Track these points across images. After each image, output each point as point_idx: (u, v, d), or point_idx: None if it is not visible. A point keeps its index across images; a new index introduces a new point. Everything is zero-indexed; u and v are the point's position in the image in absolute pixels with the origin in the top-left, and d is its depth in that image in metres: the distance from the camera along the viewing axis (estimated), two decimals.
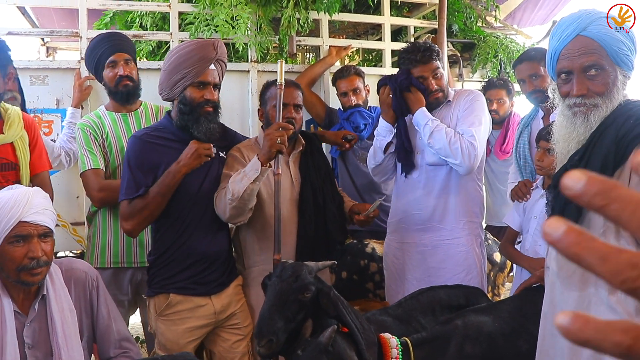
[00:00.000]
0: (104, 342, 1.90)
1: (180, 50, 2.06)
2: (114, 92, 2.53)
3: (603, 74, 1.40)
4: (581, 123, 1.43)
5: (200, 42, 2.11)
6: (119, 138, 2.50)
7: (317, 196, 2.26)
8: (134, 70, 2.56)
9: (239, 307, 2.18)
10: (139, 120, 2.59)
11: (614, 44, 1.38)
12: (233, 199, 2.01)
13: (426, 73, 2.36)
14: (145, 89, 2.67)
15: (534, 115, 2.76)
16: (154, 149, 2.06)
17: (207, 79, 2.06)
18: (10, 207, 1.65)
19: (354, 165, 3.17)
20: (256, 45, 3.33)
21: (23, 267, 1.66)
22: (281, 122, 2.11)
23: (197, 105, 2.04)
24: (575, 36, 1.42)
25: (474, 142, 2.27)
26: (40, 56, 4.62)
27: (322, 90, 3.61)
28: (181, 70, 2.02)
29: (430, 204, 2.41)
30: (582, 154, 1.43)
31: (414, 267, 2.43)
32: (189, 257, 2.08)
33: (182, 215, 2.07)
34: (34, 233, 1.68)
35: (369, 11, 3.96)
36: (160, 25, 3.67)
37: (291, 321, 1.62)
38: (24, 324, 1.72)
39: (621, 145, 1.34)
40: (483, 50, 4.27)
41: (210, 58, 2.05)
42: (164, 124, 2.16)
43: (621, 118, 1.37)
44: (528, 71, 2.67)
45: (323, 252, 2.21)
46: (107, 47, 2.50)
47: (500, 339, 1.75)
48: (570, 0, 4.66)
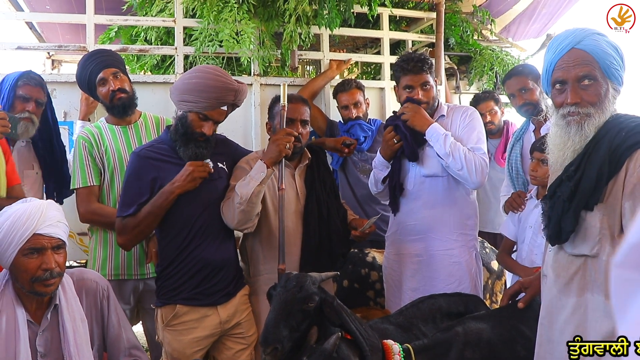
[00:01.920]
0: (114, 351, 1.94)
1: (206, 77, 2.06)
2: (111, 107, 2.53)
3: (596, 85, 1.46)
4: (575, 132, 1.49)
5: (226, 84, 2.09)
6: (118, 151, 2.50)
7: (321, 209, 2.31)
8: (125, 82, 2.54)
9: (245, 316, 2.21)
10: (138, 133, 2.59)
11: (606, 58, 1.45)
12: (241, 202, 2.06)
13: (414, 83, 2.42)
14: (150, 101, 2.71)
15: (526, 128, 2.85)
16: (152, 165, 2.09)
17: (213, 116, 2.10)
18: (25, 219, 1.69)
19: (355, 176, 3.23)
20: (259, 59, 3.40)
21: (37, 278, 1.69)
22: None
23: (192, 133, 2.09)
24: (570, 49, 1.49)
25: (485, 158, 2.34)
26: (46, 69, 4.70)
27: (323, 103, 3.69)
28: (195, 96, 2.05)
29: (424, 215, 2.45)
30: (577, 164, 1.49)
31: (409, 277, 2.48)
32: (195, 266, 2.10)
33: (188, 225, 2.10)
34: (48, 245, 1.72)
35: (368, 26, 4.03)
36: (164, 40, 3.74)
37: (296, 330, 1.66)
38: (37, 333, 1.75)
39: (615, 156, 1.40)
40: (479, 63, 4.37)
41: (226, 102, 2.09)
42: (162, 139, 2.20)
43: (614, 130, 1.44)
44: (517, 85, 2.78)
45: (326, 263, 2.26)
46: (93, 65, 2.49)
47: (499, 345, 1.80)
48: (563, 14, 4.75)
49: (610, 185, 1.41)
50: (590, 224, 1.43)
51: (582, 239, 1.45)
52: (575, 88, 1.48)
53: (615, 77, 1.48)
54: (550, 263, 1.59)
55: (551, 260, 1.59)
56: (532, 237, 2.40)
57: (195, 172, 2.05)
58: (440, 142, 2.33)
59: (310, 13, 3.24)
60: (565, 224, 1.47)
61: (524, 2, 4.50)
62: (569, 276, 1.50)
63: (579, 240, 1.47)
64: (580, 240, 1.46)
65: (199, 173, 2.06)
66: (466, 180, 2.34)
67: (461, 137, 2.40)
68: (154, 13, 3.55)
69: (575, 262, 1.48)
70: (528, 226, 2.44)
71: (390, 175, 2.51)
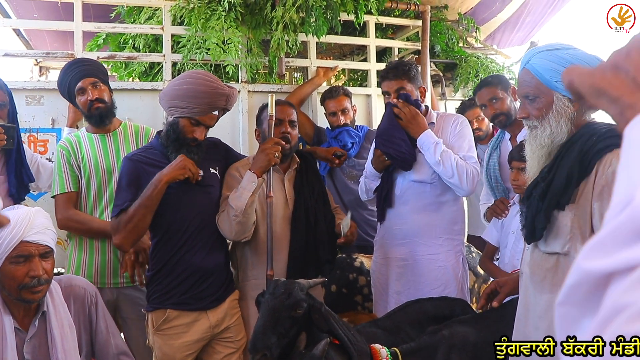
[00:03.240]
0: (102, 357, 1.94)
1: (196, 83, 2.08)
2: (89, 116, 2.55)
3: (538, 100, 1.58)
4: (534, 141, 1.62)
5: (217, 89, 2.11)
6: (95, 159, 2.52)
7: (309, 215, 2.33)
8: (105, 92, 2.54)
9: (234, 321, 2.23)
10: (117, 141, 2.60)
11: (547, 73, 1.54)
12: (237, 214, 2.10)
13: (390, 89, 2.46)
14: (138, 107, 2.70)
15: (501, 137, 2.91)
16: (143, 169, 2.11)
17: (205, 121, 2.12)
18: (12, 227, 1.68)
19: (342, 182, 3.26)
20: (246, 67, 3.43)
21: (24, 285, 1.69)
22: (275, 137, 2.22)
23: (184, 138, 2.11)
24: (523, 68, 1.62)
25: (477, 167, 2.39)
26: (34, 75, 4.67)
27: (310, 110, 3.72)
28: (186, 102, 2.07)
29: (411, 220, 2.49)
30: (550, 167, 1.58)
31: (395, 281, 2.51)
32: (185, 272, 2.12)
33: (180, 230, 2.12)
34: (35, 252, 1.72)
35: (355, 33, 4.07)
36: (152, 47, 3.75)
37: (284, 336, 1.67)
38: (24, 340, 1.74)
39: (585, 159, 1.48)
40: (464, 70, 4.43)
41: (217, 107, 2.12)
42: (153, 144, 2.22)
43: (586, 135, 1.52)
44: (487, 96, 2.84)
45: (313, 269, 2.28)
46: (73, 75, 2.51)
47: (485, 348, 1.83)
48: (546, 22, 4.84)
49: (581, 187, 1.48)
50: (562, 223, 1.50)
51: (555, 237, 1.52)
52: (524, 104, 1.63)
53: (559, 88, 1.55)
54: (526, 261, 1.66)
55: (527, 258, 1.66)
56: (515, 242, 2.45)
57: (185, 161, 2.05)
58: (431, 151, 2.36)
59: (298, 21, 3.27)
60: (538, 222, 1.55)
61: (509, 10, 4.57)
62: (543, 273, 1.56)
63: (551, 238, 1.54)
64: (552, 239, 1.53)
65: (189, 164, 2.06)
66: (457, 187, 2.38)
67: (452, 145, 2.44)
68: (142, 20, 3.56)
69: (548, 259, 1.55)
70: (510, 232, 2.49)
71: (381, 184, 2.55)
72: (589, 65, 1.45)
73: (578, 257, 0.39)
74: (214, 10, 3.21)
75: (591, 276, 0.37)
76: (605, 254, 0.36)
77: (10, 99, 2.46)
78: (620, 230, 0.36)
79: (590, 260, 0.37)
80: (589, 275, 0.37)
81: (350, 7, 3.45)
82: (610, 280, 0.36)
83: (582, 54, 1.51)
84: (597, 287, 0.37)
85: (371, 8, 3.50)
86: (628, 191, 0.38)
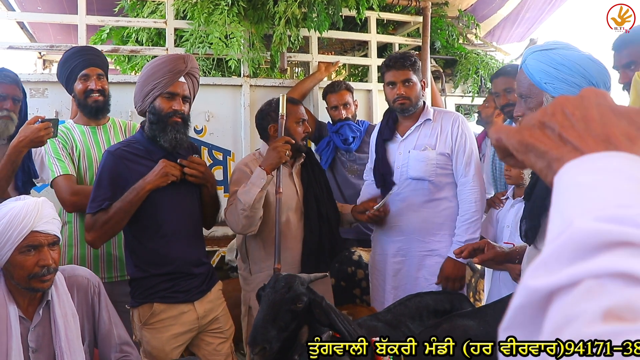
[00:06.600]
0: (105, 347, 1.96)
1: (152, 63, 2.13)
2: (83, 104, 2.53)
3: (529, 101, 1.63)
4: None
5: (171, 56, 2.18)
6: (87, 150, 2.51)
7: (320, 206, 2.38)
8: (106, 86, 2.56)
9: (221, 311, 2.24)
10: (107, 134, 2.59)
11: (538, 75, 1.58)
12: (245, 208, 2.13)
13: (396, 79, 2.47)
14: None
15: None
16: (125, 165, 2.09)
17: (176, 90, 2.10)
18: (22, 217, 1.70)
19: (343, 176, 3.28)
20: (249, 61, 3.44)
21: (34, 275, 1.72)
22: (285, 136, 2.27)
23: (165, 115, 2.08)
24: (520, 68, 1.67)
25: (482, 184, 2.48)
26: (37, 68, 4.69)
27: (312, 104, 3.74)
28: (152, 82, 2.08)
29: (408, 216, 2.51)
30: None
31: (392, 276, 2.53)
32: (168, 266, 2.10)
33: (162, 226, 2.11)
34: (45, 242, 1.74)
35: (356, 29, 4.10)
36: (155, 41, 3.76)
37: (284, 330, 1.68)
38: (29, 329, 1.77)
39: None
40: (464, 66, 4.45)
41: (179, 70, 2.11)
42: (137, 138, 2.19)
43: None
44: (503, 85, 2.83)
45: (327, 258, 2.32)
46: (81, 60, 2.49)
47: (485, 341, 1.85)
48: (546, 19, 4.85)
49: None
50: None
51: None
52: (520, 103, 1.68)
53: (548, 89, 1.58)
54: (526, 261, 1.71)
55: (527, 258, 1.70)
56: (510, 237, 2.48)
57: (167, 167, 2.05)
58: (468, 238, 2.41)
59: (300, 16, 3.29)
60: (536, 222, 1.60)
61: (508, 7, 4.59)
62: None
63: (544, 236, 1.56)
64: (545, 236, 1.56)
65: (171, 170, 2.06)
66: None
67: (457, 152, 2.48)
68: (145, 14, 3.57)
69: None
70: (505, 226, 2.52)
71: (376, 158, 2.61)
72: (579, 66, 1.48)
73: (523, 278, 0.40)
74: (217, 5, 3.23)
75: (537, 294, 0.38)
76: (550, 272, 0.37)
77: (24, 94, 2.48)
78: (563, 249, 0.38)
79: (536, 279, 0.38)
80: (535, 293, 0.38)
81: (352, 3, 3.46)
82: (552, 299, 0.37)
83: (575, 54, 1.53)
84: (541, 307, 0.38)
85: (372, 4, 3.52)
86: (563, 226, 0.40)
